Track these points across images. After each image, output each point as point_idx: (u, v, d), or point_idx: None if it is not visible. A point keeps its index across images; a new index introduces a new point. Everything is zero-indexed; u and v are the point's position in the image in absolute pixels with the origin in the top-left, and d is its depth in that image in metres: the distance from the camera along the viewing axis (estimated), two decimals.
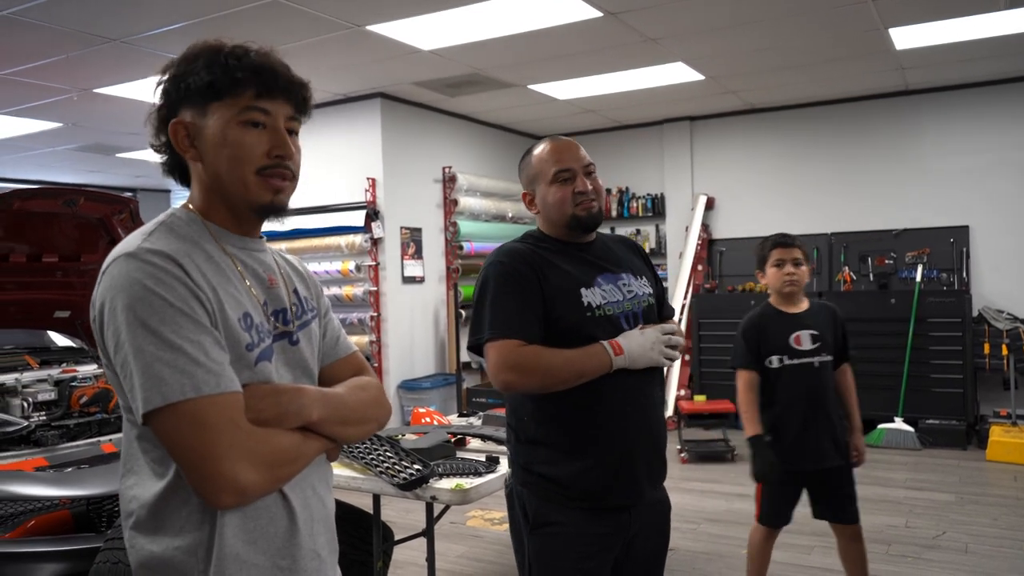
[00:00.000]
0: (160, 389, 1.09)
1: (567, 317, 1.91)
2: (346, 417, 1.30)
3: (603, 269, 2.02)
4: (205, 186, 1.28)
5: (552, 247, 2.02)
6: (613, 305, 1.96)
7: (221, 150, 1.24)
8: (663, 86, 6.74)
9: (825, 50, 5.84)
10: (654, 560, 2.08)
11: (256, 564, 1.20)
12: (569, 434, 1.92)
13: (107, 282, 1.16)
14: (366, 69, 5.95)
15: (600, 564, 1.94)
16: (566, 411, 1.92)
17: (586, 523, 1.91)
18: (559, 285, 1.93)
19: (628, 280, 2.03)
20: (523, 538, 1.99)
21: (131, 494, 1.21)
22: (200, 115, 1.24)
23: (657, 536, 2.07)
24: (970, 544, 4.19)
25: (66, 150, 8.41)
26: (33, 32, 4.71)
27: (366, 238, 6.68)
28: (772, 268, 3.13)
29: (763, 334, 3.10)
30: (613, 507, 1.93)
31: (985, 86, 6.89)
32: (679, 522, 4.54)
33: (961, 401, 6.44)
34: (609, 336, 1.91)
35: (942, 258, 6.98)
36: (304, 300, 1.39)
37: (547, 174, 2.01)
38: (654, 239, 8.43)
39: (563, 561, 1.92)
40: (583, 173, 2.01)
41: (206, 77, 1.22)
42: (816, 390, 3.06)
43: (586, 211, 1.99)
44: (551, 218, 2.03)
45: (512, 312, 1.89)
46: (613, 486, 1.92)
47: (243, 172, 1.25)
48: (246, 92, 1.24)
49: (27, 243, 3.89)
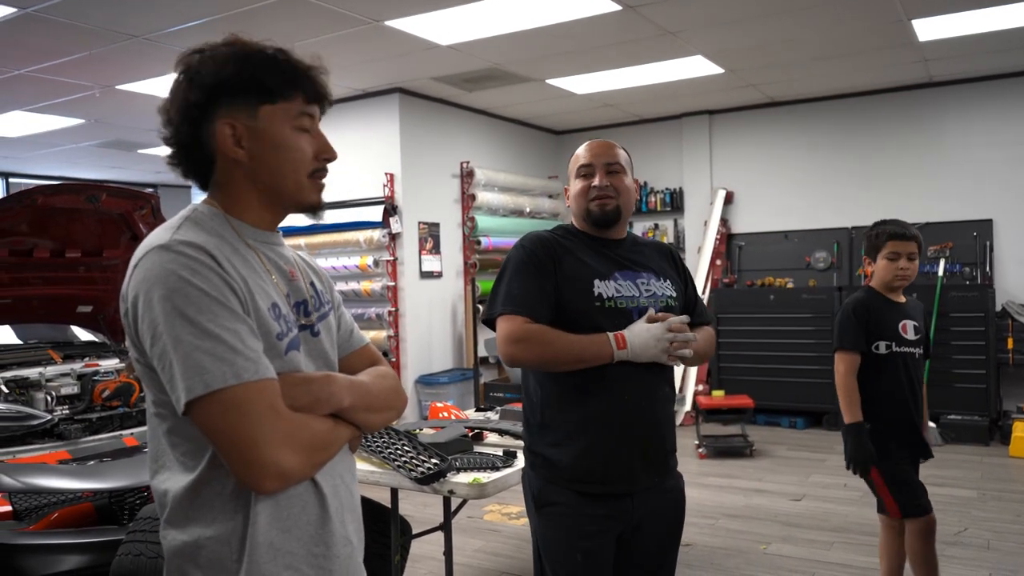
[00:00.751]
0: (202, 377, 1.10)
1: (576, 304, 1.99)
2: (371, 404, 1.32)
3: (623, 266, 2.07)
4: (243, 184, 1.29)
5: (577, 239, 2.11)
6: (627, 299, 2.01)
7: (281, 153, 1.28)
8: (682, 80, 6.70)
9: (847, 42, 5.78)
10: (665, 548, 2.11)
11: (291, 551, 1.22)
12: (569, 419, 1.99)
13: (141, 274, 1.17)
14: (384, 64, 5.97)
15: (600, 545, 1.98)
16: (570, 396, 1.99)
17: (583, 505, 1.97)
18: (573, 273, 2.01)
19: (648, 279, 2.08)
20: (533, 519, 2.08)
21: (163, 488, 1.23)
22: (250, 116, 1.26)
23: (667, 524, 2.10)
24: (992, 540, 4.15)
25: (88, 146, 8.50)
26: (56, 29, 4.77)
27: (384, 233, 6.70)
28: (884, 260, 2.98)
29: (873, 317, 2.95)
30: (608, 493, 1.98)
31: (1009, 78, 6.79)
32: (697, 517, 4.54)
33: (984, 396, 6.37)
34: (617, 328, 1.96)
35: (965, 252, 6.90)
36: (320, 293, 1.42)
37: (574, 169, 2.14)
38: (672, 234, 8.40)
39: (564, 540, 1.99)
40: (604, 171, 2.08)
41: (263, 80, 1.25)
42: (914, 381, 2.97)
43: (599, 206, 2.06)
44: (575, 210, 2.14)
45: (525, 291, 1.98)
46: (604, 473, 1.97)
47: (299, 176, 1.31)
48: (298, 97, 1.29)
49: (50, 239, 3.94)
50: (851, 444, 2.91)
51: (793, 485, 5.29)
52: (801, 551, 4.10)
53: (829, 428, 6.92)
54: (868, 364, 2.94)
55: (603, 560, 1.99)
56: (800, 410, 7.09)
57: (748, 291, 7.55)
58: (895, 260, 2.97)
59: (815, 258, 7.55)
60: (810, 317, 7.03)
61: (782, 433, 6.91)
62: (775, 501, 4.95)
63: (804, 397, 7.02)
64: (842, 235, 7.47)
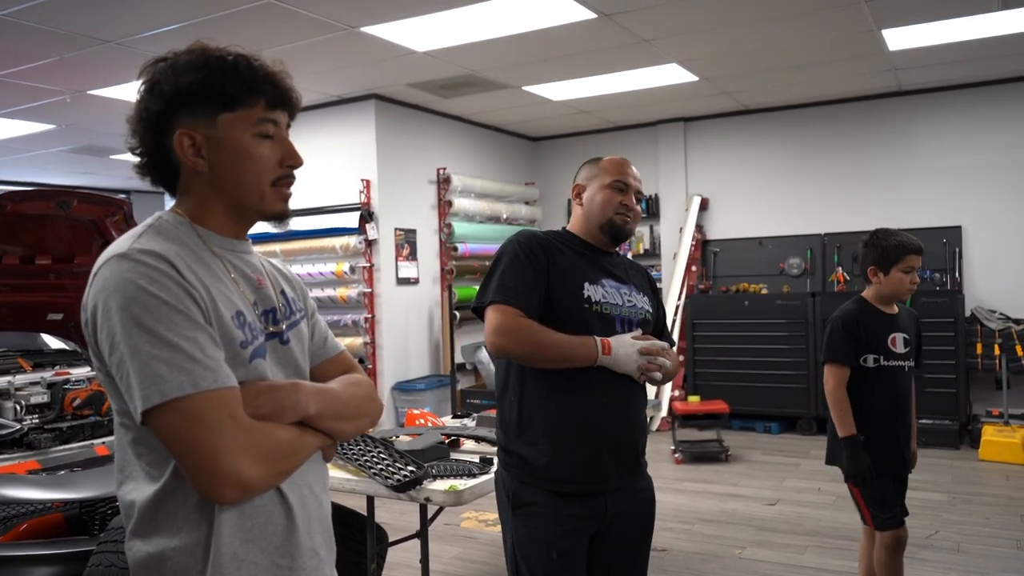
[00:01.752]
0: (159, 386, 1.09)
1: (566, 302, 2.04)
2: (341, 412, 1.31)
3: (611, 275, 2.16)
4: (206, 193, 1.28)
5: (571, 243, 2.17)
6: (612, 306, 2.10)
7: (240, 162, 1.26)
8: (657, 87, 6.75)
9: (818, 51, 5.86)
10: (636, 547, 2.15)
11: (255, 563, 1.21)
12: (548, 418, 2.03)
13: (99, 284, 1.16)
14: (360, 71, 5.96)
15: (575, 544, 2.03)
16: (549, 395, 2.03)
17: (559, 504, 2.01)
18: (565, 272, 2.07)
19: (631, 292, 2.18)
20: (506, 522, 2.10)
21: (129, 499, 1.21)
22: (208, 125, 1.24)
23: (638, 524, 2.15)
24: (962, 543, 4.21)
25: (60, 152, 8.39)
26: (26, 34, 4.71)
27: (360, 239, 6.67)
28: (900, 273, 2.96)
29: (863, 330, 2.96)
30: (582, 493, 2.03)
31: (978, 87, 6.92)
32: (673, 522, 4.56)
33: (954, 401, 6.46)
34: (601, 331, 2.04)
35: (935, 258, 7.01)
36: (292, 301, 1.40)
37: (607, 178, 2.18)
38: (648, 240, 8.45)
39: (540, 541, 2.01)
40: (634, 197, 2.19)
41: (220, 88, 1.23)
42: (904, 394, 2.99)
43: (623, 222, 2.16)
44: (590, 215, 2.18)
45: (516, 284, 2.02)
46: (581, 474, 2.02)
47: (261, 184, 1.28)
48: (258, 104, 1.26)
49: (20, 245, 3.87)
50: (847, 458, 2.91)
51: (768, 490, 5.33)
52: (776, 555, 4.14)
53: (803, 433, 6.99)
54: (856, 377, 2.95)
55: (578, 559, 2.03)
56: (775, 415, 7.15)
57: (723, 297, 7.60)
58: (909, 273, 2.97)
59: (789, 264, 7.63)
60: (784, 323, 7.10)
61: (757, 438, 6.97)
62: (750, 506, 4.99)
63: (779, 402, 7.09)
64: (815, 241, 7.55)
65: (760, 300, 7.32)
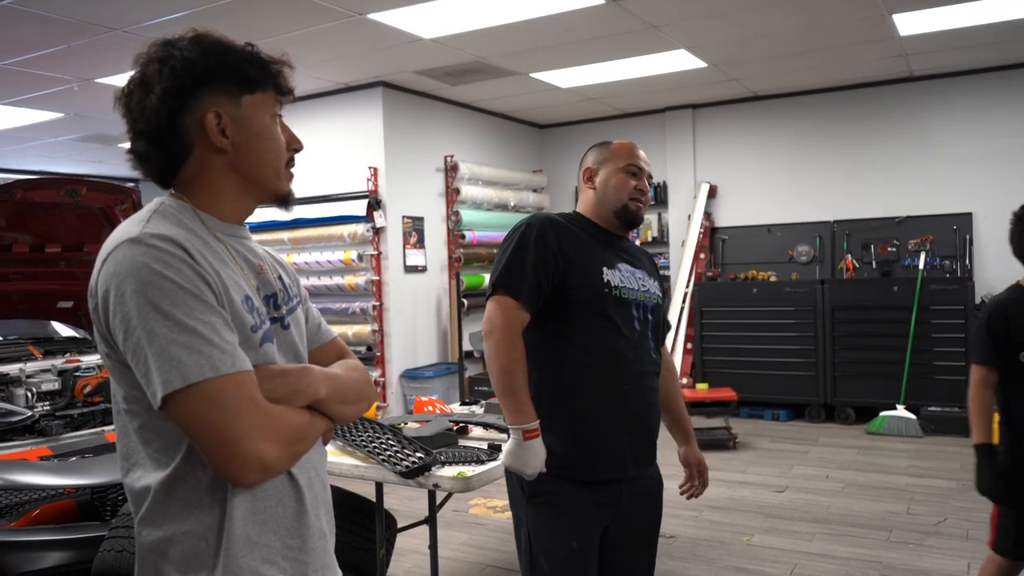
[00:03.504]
0: (180, 371, 1.09)
1: (585, 288, 2.02)
2: (346, 396, 1.33)
3: (625, 260, 2.15)
4: (220, 175, 1.28)
5: (586, 228, 2.15)
6: (629, 291, 2.09)
7: (264, 142, 1.29)
8: (665, 74, 6.71)
9: (829, 37, 5.81)
10: (648, 532, 2.17)
11: (267, 545, 1.22)
12: (566, 405, 2.01)
13: (111, 268, 1.15)
14: (367, 58, 5.94)
15: (593, 532, 2.04)
16: (567, 383, 2.02)
17: (579, 493, 2.00)
18: (582, 258, 2.05)
19: (644, 277, 2.17)
20: (521, 510, 2.07)
21: (137, 487, 1.21)
22: (234, 105, 1.26)
23: (648, 511, 2.16)
24: (971, 531, 4.20)
25: (68, 140, 8.41)
26: (34, 22, 4.71)
27: (368, 227, 6.67)
28: None
29: (1015, 324, 2.57)
30: (601, 480, 2.03)
31: (990, 72, 6.86)
32: (681, 509, 4.57)
33: (963, 388, 6.40)
34: (622, 317, 2.04)
35: (945, 245, 6.97)
36: (288, 287, 1.41)
37: (620, 162, 2.17)
38: (656, 227, 8.42)
39: (560, 529, 2.00)
40: (647, 182, 2.20)
41: (245, 71, 1.26)
42: None
43: (636, 207, 2.16)
44: (604, 199, 2.16)
45: (521, 273, 1.99)
46: (599, 461, 2.02)
47: (279, 165, 1.32)
48: (271, 89, 1.30)
49: (30, 233, 3.90)
50: (975, 468, 2.62)
51: (776, 477, 5.33)
52: (783, 542, 4.14)
53: (812, 420, 6.98)
54: (1013, 377, 2.59)
55: (595, 547, 2.03)
56: (783, 402, 7.14)
57: (731, 284, 7.58)
58: None
59: (798, 252, 7.60)
60: (793, 310, 7.07)
61: (765, 425, 6.96)
62: (758, 493, 4.99)
63: (787, 389, 7.07)
64: (824, 229, 7.52)
65: (769, 287, 7.29)
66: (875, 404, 6.66)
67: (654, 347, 2.16)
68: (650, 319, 2.14)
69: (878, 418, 6.50)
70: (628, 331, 2.06)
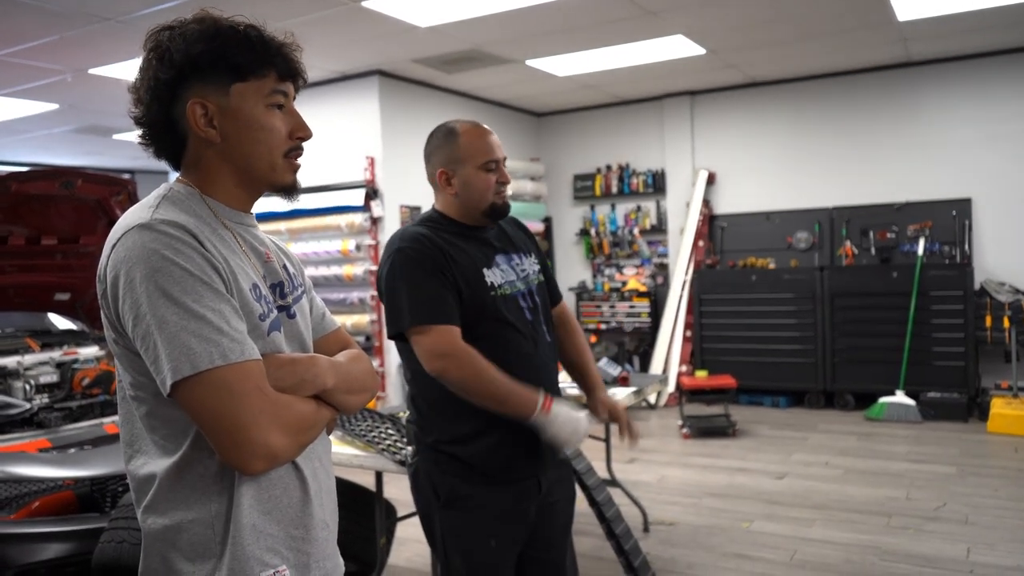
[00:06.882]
0: (189, 358, 1.09)
1: (474, 297, 1.95)
2: (352, 386, 1.32)
3: (498, 250, 2.08)
4: (215, 164, 1.27)
5: (452, 230, 2.05)
6: (509, 284, 2.03)
7: (253, 133, 1.26)
8: (663, 60, 6.68)
9: (827, 22, 5.78)
10: (567, 516, 2.18)
11: (272, 534, 1.22)
12: (475, 417, 1.94)
13: (121, 254, 1.14)
14: (363, 46, 5.91)
15: (514, 532, 2.02)
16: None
17: (496, 495, 1.98)
18: (464, 266, 1.97)
19: (520, 259, 2.11)
20: (433, 516, 2.02)
21: (142, 474, 1.21)
22: (221, 94, 1.24)
23: (567, 500, 2.18)
24: (971, 515, 4.21)
25: (63, 132, 8.37)
26: (26, 12, 4.67)
27: (366, 217, 6.65)
28: None
29: None
30: (519, 478, 2.01)
31: (988, 57, 6.82)
32: (680, 496, 4.57)
33: (963, 374, 6.45)
34: (512, 313, 1.99)
35: (944, 231, 6.96)
36: (293, 276, 1.40)
37: (477, 160, 2.03)
38: (655, 215, 8.40)
39: (476, 533, 1.98)
40: (503, 165, 2.08)
41: (234, 58, 1.23)
42: None
43: (503, 201, 2.06)
44: (470, 202, 2.05)
45: (431, 297, 1.90)
46: (519, 462, 1.99)
47: (273, 155, 1.28)
48: (270, 75, 1.26)
49: (26, 226, 3.88)
50: None
51: (775, 464, 5.34)
52: (783, 528, 4.15)
53: (811, 407, 6.99)
54: None
55: (514, 543, 2.02)
56: (782, 389, 7.15)
57: (730, 272, 7.58)
58: None
59: (796, 238, 7.59)
60: (792, 297, 7.07)
61: (765, 412, 6.97)
62: (758, 480, 5.00)
63: (786, 376, 7.08)
64: (823, 215, 7.50)
65: (768, 274, 7.29)
66: (874, 390, 6.67)
67: (547, 329, 2.10)
68: (538, 301, 2.09)
69: (877, 404, 6.51)
70: (522, 325, 2.01)
